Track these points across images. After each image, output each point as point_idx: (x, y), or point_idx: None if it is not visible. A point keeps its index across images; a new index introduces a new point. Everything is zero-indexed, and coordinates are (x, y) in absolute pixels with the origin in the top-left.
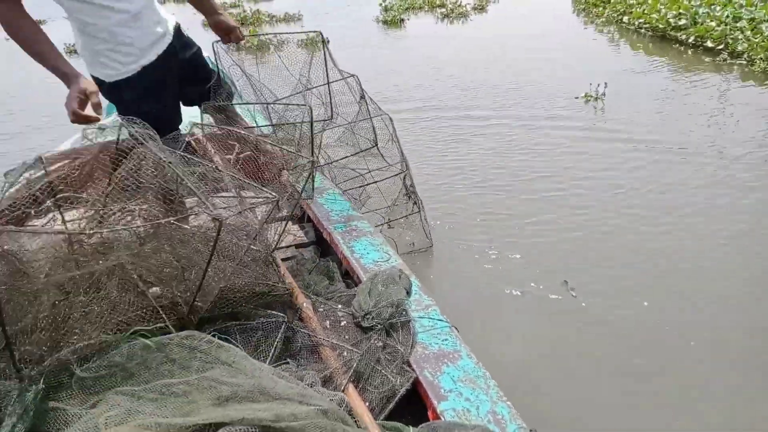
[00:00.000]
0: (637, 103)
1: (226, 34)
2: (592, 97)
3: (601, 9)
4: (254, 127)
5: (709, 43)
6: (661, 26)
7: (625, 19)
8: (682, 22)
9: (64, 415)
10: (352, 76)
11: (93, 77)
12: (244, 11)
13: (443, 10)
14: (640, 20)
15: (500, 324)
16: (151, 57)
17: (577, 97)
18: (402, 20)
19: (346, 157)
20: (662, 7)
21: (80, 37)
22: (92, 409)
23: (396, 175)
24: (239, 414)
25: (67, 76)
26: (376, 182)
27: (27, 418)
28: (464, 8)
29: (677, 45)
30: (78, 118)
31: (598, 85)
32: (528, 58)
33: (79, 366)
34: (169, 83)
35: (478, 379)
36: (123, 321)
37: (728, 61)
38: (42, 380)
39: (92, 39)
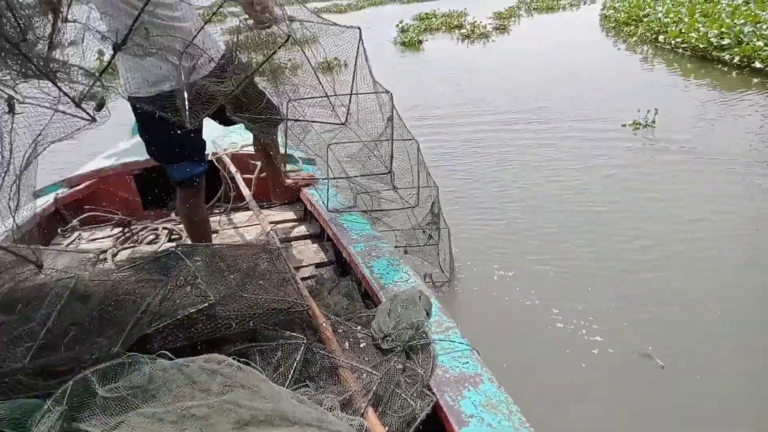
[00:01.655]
0: (688, 129)
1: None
2: (641, 124)
3: (633, 28)
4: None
5: (758, 64)
6: (701, 46)
7: (661, 38)
8: (726, 41)
9: None
10: (387, 92)
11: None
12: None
13: (463, 31)
14: (677, 39)
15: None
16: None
17: (624, 125)
18: (420, 42)
19: (356, 176)
20: (700, 25)
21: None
22: (114, 431)
23: (406, 208)
24: None
25: None
26: (384, 210)
27: None
28: (485, 29)
29: (720, 65)
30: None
31: (648, 111)
32: (562, 82)
33: (102, 386)
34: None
35: (500, 405)
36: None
37: None
38: (65, 400)
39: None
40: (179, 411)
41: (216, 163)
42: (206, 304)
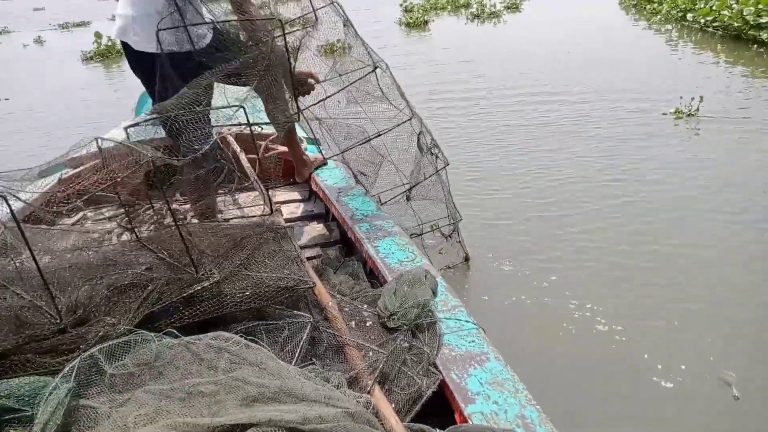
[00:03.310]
0: (737, 119)
1: (303, 84)
2: (683, 113)
3: (657, 5)
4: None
5: None
6: (735, 24)
7: (689, 16)
8: (764, 19)
9: (95, 414)
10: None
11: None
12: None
13: (472, 10)
14: (708, 18)
15: None
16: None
17: (665, 114)
18: (426, 22)
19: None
20: (733, 2)
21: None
22: (121, 408)
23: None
24: (266, 415)
25: None
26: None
27: (58, 416)
28: (495, 8)
29: (755, 45)
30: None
31: (692, 99)
32: (586, 65)
33: (109, 364)
34: None
35: (506, 382)
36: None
37: None
38: (73, 378)
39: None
40: (187, 388)
41: (220, 143)
42: (212, 282)
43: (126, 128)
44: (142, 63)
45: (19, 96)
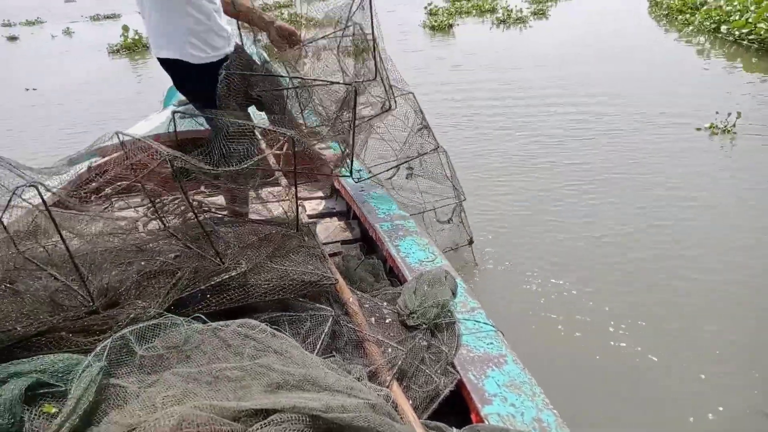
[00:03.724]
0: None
1: (290, 36)
2: (719, 129)
3: (689, 16)
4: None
5: None
6: None
7: (723, 28)
8: None
9: (124, 393)
10: (411, 93)
11: (169, 60)
12: (281, 14)
13: (498, 15)
14: (743, 30)
15: None
16: (231, 48)
17: (699, 129)
18: (450, 26)
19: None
20: None
21: (178, 17)
22: (150, 388)
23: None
24: (290, 402)
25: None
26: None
27: (90, 393)
28: (521, 13)
29: None
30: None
31: (729, 114)
32: (615, 75)
33: (139, 345)
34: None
35: (523, 385)
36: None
37: None
38: (105, 357)
39: (191, 19)
40: (214, 372)
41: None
42: (239, 271)
43: (173, 113)
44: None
45: (46, 86)
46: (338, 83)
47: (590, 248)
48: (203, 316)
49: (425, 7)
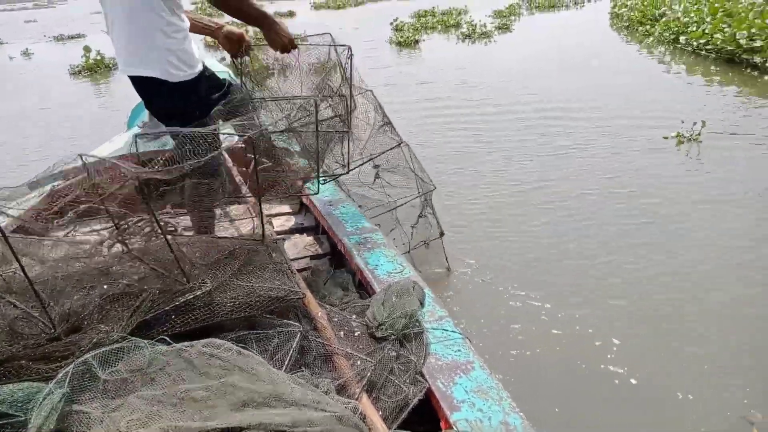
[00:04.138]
0: (734, 147)
1: (239, 41)
2: (685, 138)
3: (649, 27)
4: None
5: None
6: (729, 48)
7: (682, 39)
8: (758, 43)
9: (88, 419)
10: (369, 90)
11: (143, 78)
12: (247, 31)
13: (463, 30)
14: (701, 41)
15: None
16: (201, 66)
17: (666, 137)
18: (416, 41)
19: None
20: (726, 26)
21: (153, 35)
22: (114, 413)
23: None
24: (257, 419)
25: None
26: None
27: (51, 421)
28: (486, 28)
29: (748, 69)
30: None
31: (694, 123)
32: (580, 87)
33: (103, 370)
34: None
35: (490, 390)
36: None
37: None
38: (67, 383)
39: (168, 38)
40: (179, 393)
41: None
42: (204, 290)
43: (136, 136)
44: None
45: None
46: (303, 97)
47: (558, 256)
48: (167, 338)
49: (391, 23)
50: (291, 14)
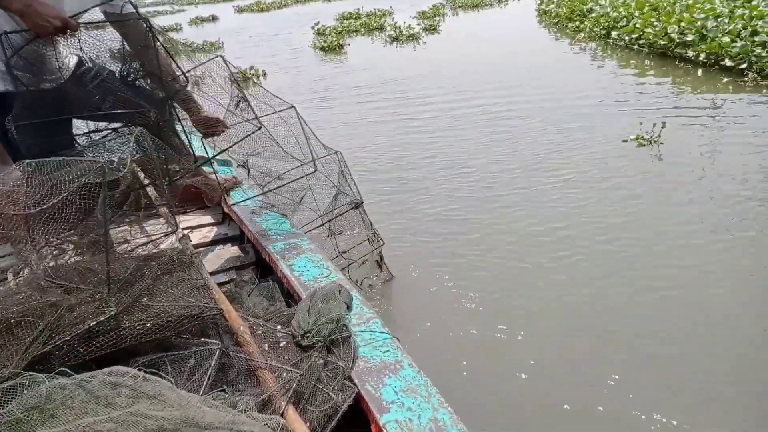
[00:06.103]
0: (693, 147)
1: (214, 126)
2: (646, 140)
3: (579, 24)
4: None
5: (728, 62)
6: (661, 42)
7: (613, 34)
8: (689, 37)
9: None
10: (292, 107)
11: None
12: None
13: (390, 32)
14: (633, 35)
15: None
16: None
17: (626, 140)
18: (341, 46)
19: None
20: (655, 20)
21: None
22: None
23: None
24: None
25: None
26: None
27: None
28: (413, 30)
29: (682, 63)
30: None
31: (654, 125)
32: (520, 87)
33: None
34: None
35: (419, 388)
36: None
37: (759, 82)
38: None
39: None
40: (81, 428)
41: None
42: (107, 316)
43: None
44: None
45: None
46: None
47: (500, 255)
48: (68, 369)
49: (312, 27)
50: (213, 19)
